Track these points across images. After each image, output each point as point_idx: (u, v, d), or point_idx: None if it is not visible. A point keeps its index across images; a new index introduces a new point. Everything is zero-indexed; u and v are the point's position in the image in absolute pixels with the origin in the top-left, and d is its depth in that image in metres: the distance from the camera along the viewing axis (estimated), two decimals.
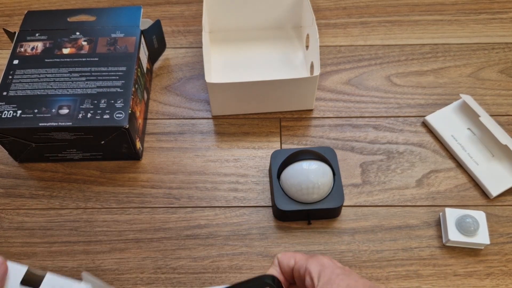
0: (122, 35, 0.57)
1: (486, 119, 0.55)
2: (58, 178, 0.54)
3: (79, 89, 0.52)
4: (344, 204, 0.50)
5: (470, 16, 0.68)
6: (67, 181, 0.54)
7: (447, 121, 0.57)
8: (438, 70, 0.63)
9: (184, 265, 0.48)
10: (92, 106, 0.50)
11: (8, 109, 0.50)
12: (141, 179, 0.54)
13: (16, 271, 0.34)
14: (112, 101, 0.51)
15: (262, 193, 0.53)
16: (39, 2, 0.71)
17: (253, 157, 0.56)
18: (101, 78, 0.53)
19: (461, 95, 0.58)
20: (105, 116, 0.50)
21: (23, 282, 0.34)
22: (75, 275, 0.48)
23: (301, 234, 0.50)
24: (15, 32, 0.57)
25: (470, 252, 0.48)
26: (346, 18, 0.69)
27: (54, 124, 0.49)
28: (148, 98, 0.60)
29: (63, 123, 0.49)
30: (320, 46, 0.62)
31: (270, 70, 0.62)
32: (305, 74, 0.62)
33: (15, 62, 0.54)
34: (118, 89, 0.52)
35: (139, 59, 0.56)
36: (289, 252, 0.35)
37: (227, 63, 0.63)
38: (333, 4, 0.71)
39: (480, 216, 0.48)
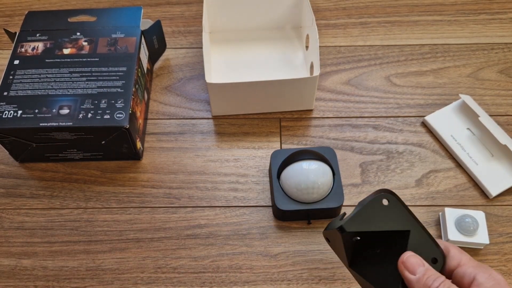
0: (122, 35, 0.57)
1: (486, 119, 0.55)
2: (59, 178, 0.55)
3: (79, 89, 0.52)
4: (344, 204, 0.50)
5: (470, 17, 0.68)
6: (68, 181, 0.54)
7: (446, 121, 0.57)
8: (438, 70, 0.63)
9: (184, 264, 0.49)
10: (92, 106, 0.51)
11: (9, 109, 0.50)
12: (142, 179, 0.54)
13: None
14: (113, 101, 0.51)
15: (262, 193, 0.53)
16: (39, 2, 0.71)
17: (253, 157, 0.56)
18: (101, 78, 0.53)
19: (460, 95, 0.58)
20: (105, 116, 0.50)
21: None
22: (76, 274, 0.48)
23: (301, 234, 0.50)
24: (15, 33, 0.57)
25: (470, 251, 0.49)
26: (346, 19, 0.69)
27: (54, 124, 0.49)
28: (149, 98, 0.61)
29: (64, 123, 0.49)
30: (320, 46, 0.62)
31: (270, 70, 0.62)
32: (305, 74, 0.62)
33: (16, 62, 0.54)
34: (119, 89, 0.52)
35: (139, 59, 0.56)
36: (452, 247, 0.32)
37: (227, 64, 0.64)
38: (333, 4, 0.71)
39: (479, 216, 0.49)
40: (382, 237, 0.33)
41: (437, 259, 0.31)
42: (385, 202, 0.32)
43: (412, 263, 0.30)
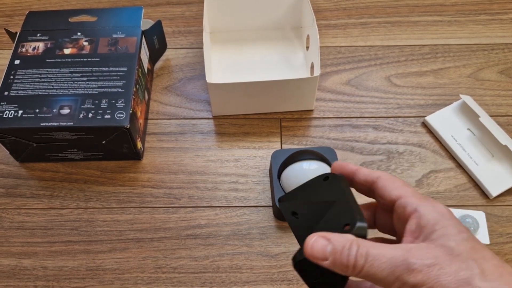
0: (123, 35, 0.57)
1: (486, 120, 0.55)
2: (59, 178, 0.55)
3: (80, 89, 0.52)
4: None
5: (470, 17, 0.68)
6: (68, 181, 0.54)
7: (447, 122, 0.57)
8: (438, 71, 0.63)
9: (185, 264, 0.49)
10: (93, 106, 0.51)
11: (9, 109, 0.50)
12: (142, 179, 0.54)
13: None
14: (113, 101, 0.51)
15: (263, 193, 0.53)
16: (40, 2, 0.72)
17: (254, 157, 0.56)
18: (102, 78, 0.53)
19: (460, 95, 0.58)
20: (106, 116, 0.50)
21: None
22: (76, 274, 0.48)
23: None
24: (16, 32, 0.57)
25: None
26: (346, 19, 0.69)
27: (55, 124, 0.49)
28: (149, 98, 0.61)
29: (64, 123, 0.49)
30: (320, 46, 0.62)
31: (271, 71, 0.62)
32: (306, 74, 0.62)
33: (17, 62, 0.54)
34: (119, 89, 0.52)
35: (140, 59, 0.56)
36: (396, 180, 0.29)
37: (227, 64, 0.64)
38: (333, 5, 0.71)
39: (479, 216, 0.49)
40: (314, 212, 0.32)
41: (349, 223, 0.28)
42: (325, 179, 0.32)
43: (318, 250, 0.26)
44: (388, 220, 0.30)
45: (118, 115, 0.50)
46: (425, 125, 0.58)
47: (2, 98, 0.51)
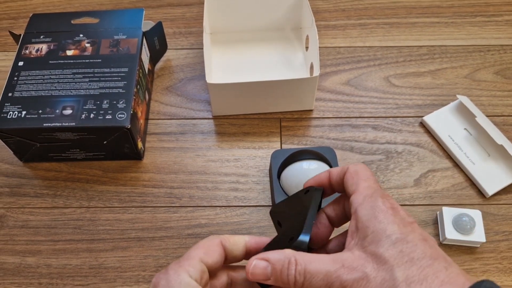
0: (124, 36, 0.58)
1: (482, 120, 0.56)
2: (62, 177, 0.55)
3: (82, 90, 0.53)
4: None
5: (466, 19, 0.69)
6: (71, 181, 0.55)
7: (444, 122, 0.58)
8: (435, 71, 0.64)
9: None
10: (95, 107, 0.51)
11: (13, 110, 0.51)
12: (143, 178, 0.55)
13: None
14: (114, 102, 0.52)
15: (263, 192, 0.54)
16: (43, 5, 0.72)
17: (254, 157, 0.56)
18: (103, 79, 0.54)
19: (457, 96, 0.59)
20: (107, 117, 0.51)
21: None
22: (79, 272, 0.49)
23: None
24: (20, 35, 0.58)
25: (467, 250, 0.49)
26: (345, 20, 0.70)
27: (58, 124, 0.50)
28: (150, 99, 0.61)
29: (67, 124, 0.50)
30: (319, 47, 0.62)
31: (270, 71, 0.63)
32: (305, 74, 0.62)
33: (20, 63, 0.55)
34: (120, 90, 0.53)
35: (141, 60, 0.57)
36: (358, 173, 0.30)
37: (227, 64, 0.64)
38: (332, 6, 0.72)
39: (476, 214, 0.49)
40: (290, 223, 0.34)
41: (293, 237, 0.29)
42: (305, 193, 0.33)
43: (259, 273, 0.27)
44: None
45: (119, 116, 0.51)
46: (423, 125, 0.59)
47: (6, 99, 0.52)
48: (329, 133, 0.58)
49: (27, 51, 0.56)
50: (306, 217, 0.30)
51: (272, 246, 0.31)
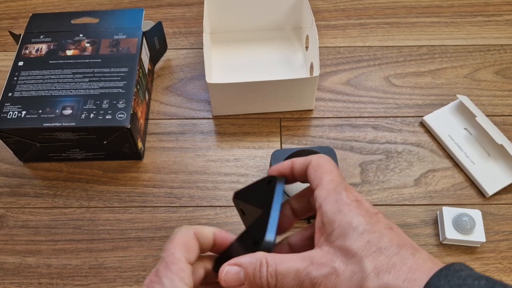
0: (124, 36, 0.58)
1: (482, 119, 0.56)
2: (62, 177, 0.55)
3: (82, 90, 0.53)
4: None
5: (466, 18, 0.69)
6: (71, 181, 0.55)
7: (444, 121, 0.58)
8: (435, 71, 0.64)
9: None
10: (94, 107, 0.51)
11: (13, 110, 0.51)
12: (143, 178, 0.55)
13: None
14: (114, 102, 0.52)
15: None
16: (43, 5, 0.72)
17: (254, 156, 0.56)
18: (103, 79, 0.54)
19: (457, 95, 0.59)
20: (107, 117, 0.51)
21: None
22: (79, 272, 0.49)
23: None
24: (20, 35, 0.58)
25: (467, 249, 0.49)
26: (345, 20, 0.70)
27: (58, 124, 0.50)
28: (150, 99, 0.61)
29: (67, 124, 0.50)
30: (319, 47, 0.62)
31: (270, 71, 0.63)
32: (305, 74, 0.62)
33: (20, 63, 0.55)
34: (120, 90, 0.53)
35: (141, 60, 0.57)
36: (321, 165, 0.29)
37: (227, 64, 0.64)
38: (332, 6, 0.72)
39: (476, 214, 0.49)
40: (251, 215, 0.33)
41: (259, 239, 0.29)
42: (267, 183, 0.33)
43: (232, 279, 0.27)
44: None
45: (119, 116, 0.51)
46: (423, 124, 0.59)
47: (6, 99, 0.52)
48: (329, 133, 0.58)
49: (27, 51, 0.56)
50: (269, 215, 0.30)
51: (236, 245, 0.31)
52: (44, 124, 0.50)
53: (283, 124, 0.59)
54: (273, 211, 0.30)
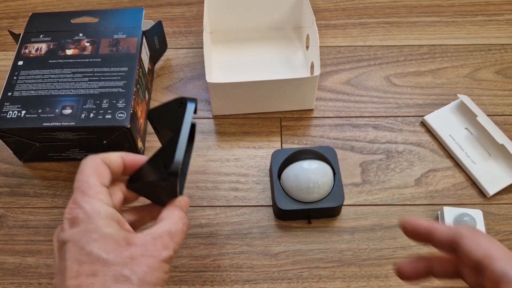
0: (124, 36, 0.57)
1: (483, 119, 0.55)
2: (62, 177, 0.55)
3: (82, 90, 0.53)
4: (344, 203, 0.51)
5: (467, 18, 0.69)
6: (71, 180, 0.55)
7: (445, 121, 0.58)
8: (436, 71, 0.63)
9: (185, 263, 0.49)
10: (94, 106, 0.51)
11: (12, 109, 0.51)
12: None
13: None
14: (114, 101, 0.52)
15: (263, 192, 0.54)
16: (43, 4, 0.72)
17: (254, 156, 0.56)
18: (103, 78, 0.54)
19: (458, 95, 0.58)
20: (107, 116, 0.51)
21: None
22: None
23: (301, 233, 0.51)
24: (20, 34, 0.58)
25: None
26: (346, 19, 0.69)
27: (57, 124, 0.50)
28: (150, 98, 0.61)
29: (67, 123, 0.50)
30: (320, 46, 0.62)
31: (271, 70, 0.63)
32: (305, 74, 0.62)
33: (20, 63, 0.55)
34: (120, 89, 0.53)
35: (140, 59, 0.57)
36: (480, 237, 0.29)
37: (227, 64, 0.64)
38: (332, 5, 0.71)
39: (477, 214, 0.49)
40: (164, 135, 0.36)
41: (167, 165, 0.33)
42: (180, 106, 0.35)
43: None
44: (474, 277, 0.30)
45: (119, 115, 0.51)
46: (423, 124, 0.59)
47: (6, 98, 0.52)
48: (330, 133, 0.58)
49: (26, 51, 0.56)
50: (178, 139, 0.33)
51: (147, 167, 0.34)
52: (44, 124, 0.50)
53: (283, 123, 0.59)
54: (181, 136, 0.33)
